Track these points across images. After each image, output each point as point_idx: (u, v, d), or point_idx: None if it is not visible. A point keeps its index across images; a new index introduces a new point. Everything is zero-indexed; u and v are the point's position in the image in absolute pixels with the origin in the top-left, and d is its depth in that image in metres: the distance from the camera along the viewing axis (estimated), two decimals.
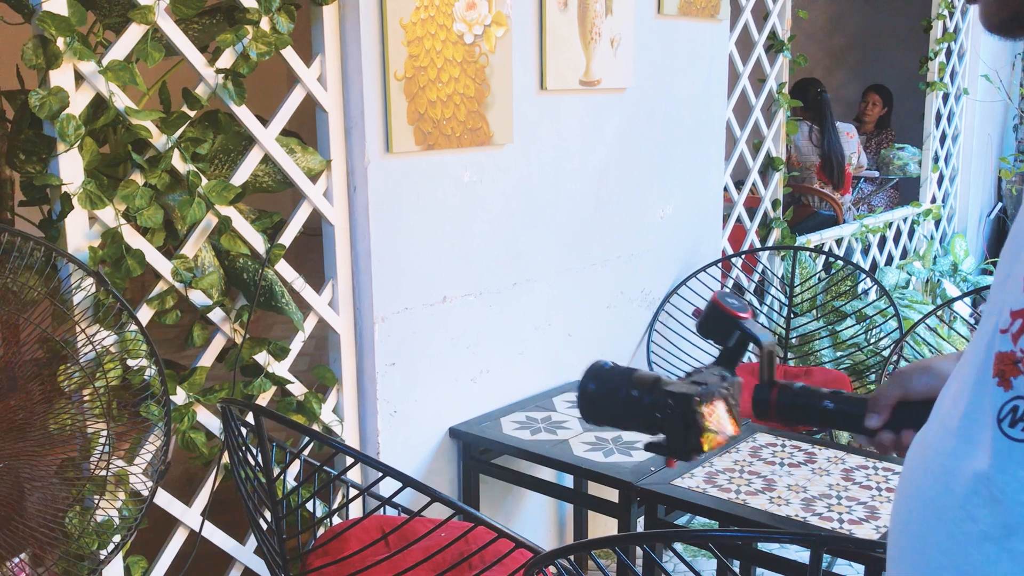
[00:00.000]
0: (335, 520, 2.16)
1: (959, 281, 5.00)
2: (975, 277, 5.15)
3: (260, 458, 1.59)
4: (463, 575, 1.74)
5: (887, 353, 3.18)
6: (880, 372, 2.87)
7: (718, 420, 0.90)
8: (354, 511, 2.26)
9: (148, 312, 1.86)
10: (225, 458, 1.98)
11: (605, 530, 2.85)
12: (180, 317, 1.90)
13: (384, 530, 1.88)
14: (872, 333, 3.57)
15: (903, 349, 2.95)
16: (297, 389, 2.14)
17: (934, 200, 5.18)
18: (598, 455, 2.23)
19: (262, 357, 2.05)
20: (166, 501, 1.94)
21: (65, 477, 1.73)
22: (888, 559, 0.72)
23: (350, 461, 2.12)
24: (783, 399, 0.97)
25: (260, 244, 2.02)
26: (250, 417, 1.59)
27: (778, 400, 0.97)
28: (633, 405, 0.92)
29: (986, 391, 0.63)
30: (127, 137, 1.80)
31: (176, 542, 1.99)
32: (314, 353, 3.66)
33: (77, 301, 1.70)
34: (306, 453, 2.13)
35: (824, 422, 0.96)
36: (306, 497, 2.02)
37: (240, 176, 1.98)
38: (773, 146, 3.64)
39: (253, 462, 1.62)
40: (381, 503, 1.56)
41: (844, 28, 7.18)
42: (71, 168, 1.71)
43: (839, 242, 4.31)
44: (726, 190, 3.42)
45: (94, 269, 1.72)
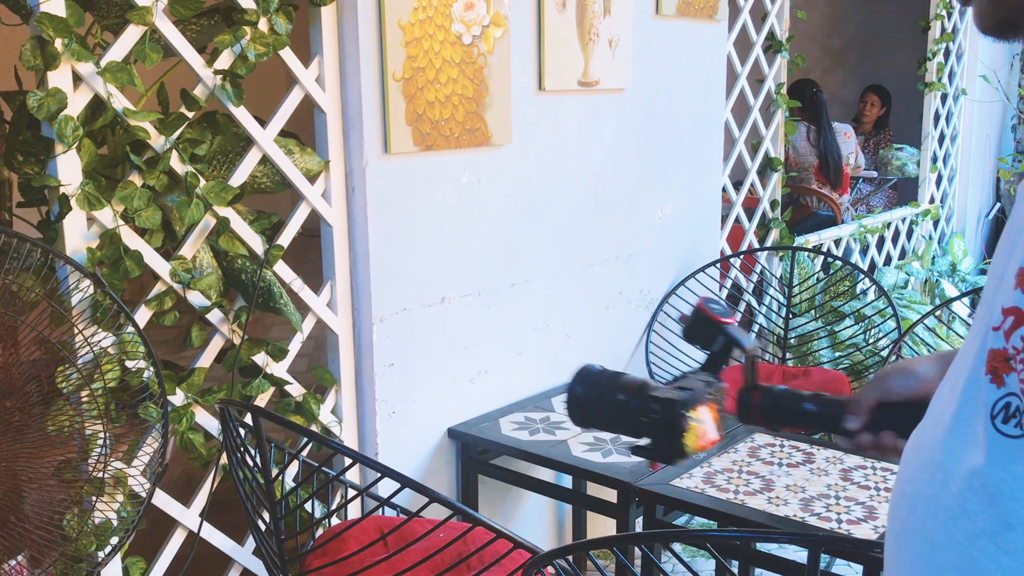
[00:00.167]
0: (334, 521, 2.17)
1: (957, 281, 5.00)
2: (973, 277, 5.16)
3: (258, 459, 1.59)
4: (461, 575, 1.74)
5: (885, 353, 3.19)
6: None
7: (702, 425, 0.92)
8: (353, 512, 2.26)
9: (146, 313, 1.86)
10: (224, 459, 1.98)
11: (604, 531, 2.85)
12: (179, 318, 1.90)
13: (383, 530, 1.88)
14: (871, 333, 3.57)
15: (901, 349, 2.95)
16: (295, 390, 2.14)
17: (932, 200, 5.18)
18: (596, 455, 2.23)
19: (260, 358, 2.05)
20: (164, 502, 1.94)
21: (63, 478, 1.73)
22: (886, 558, 0.72)
23: (348, 462, 2.12)
24: (766, 402, 0.98)
25: (258, 245, 2.02)
26: (248, 418, 1.60)
27: (761, 403, 0.99)
28: (620, 409, 0.94)
29: (979, 388, 0.64)
30: (125, 138, 1.80)
31: (175, 543, 1.99)
32: (313, 354, 3.67)
33: (75, 302, 1.70)
34: (304, 454, 2.13)
35: (806, 424, 0.98)
36: (305, 498, 2.02)
37: (238, 177, 1.98)
38: (771, 146, 3.64)
39: (251, 463, 1.62)
40: (380, 504, 1.56)
41: (842, 29, 7.18)
42: (69, 169, 1.71)
43: (838, 242, 4.32)
44: (724, 190, 3.42)
45: (91, 270, 1.72)
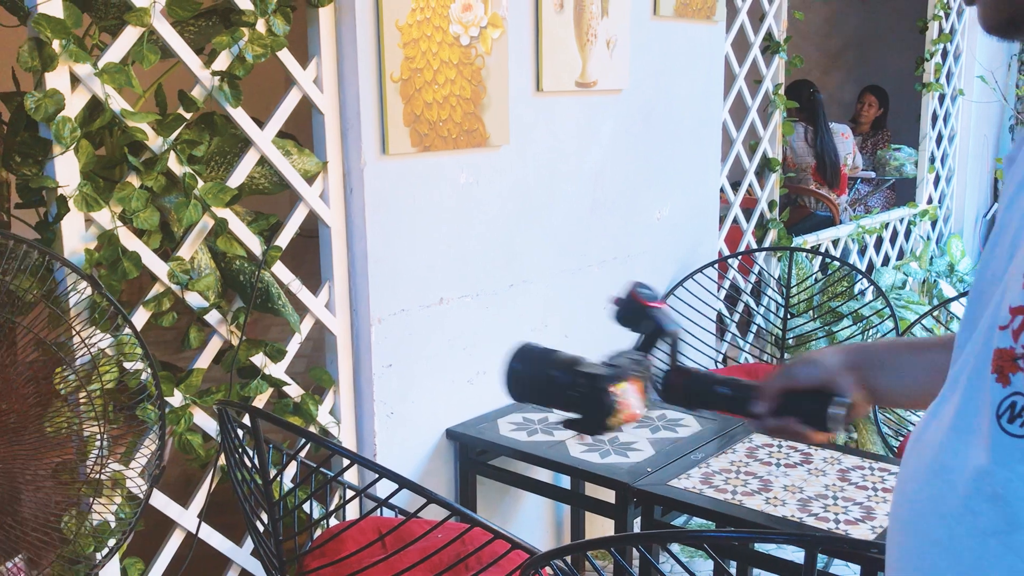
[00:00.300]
0: (332, 521, 2.17)
1: (955, 281, 5.01)
2: (971, 277, 5.16)
3: (256, 460, 1.59)
4: (460, 575, 1.74)
5: None
6: None
7: (627, 400, 0.97)
8: (351, 512, 2.26)
9: (145, 314, 1.86)
10: (222, 460, 1.98)
11: (602, 531, 2.85)
12: (177, 319, 1.90)
13: (381, 531, 1.88)
14: (869, 334, 3.57)
15: None
16: (294, 391, 2.14)
17: (930, 201, 5.19)
18: (595, 456, 2.23)
19: (259, 359, 2.05)
20: (163, 503, 1.94)
21: (61, 480, 1.73)
22: (887, 557, 0.72)
23: (346, 462, 2.12)
24: (686, 384, 1.04)
25: (256, 246, 2.02)
26: (246, 419, 1.60)
27: (683, 385, 1.04)
28: (552, 384, 1.00)
29: (984, 387, 0.63)
30: (123, 139, 1.80)
31: (173, 544, 1.99)
32: (312, 355, 3.67)
33: (73, 303, 1.70)
34: (303, 455, 2.13)
35: (720, 406, 1.03)
36: (303, 499, 2.02)
37: (236, 178, 1.98)
38: (769, 147, 3.65)
39: (250, 464, 1.62)
40: (378, 504, 1.56)
41: (840, 29, 7.19)
42: (67, 170, 1.71)
43: (836, 243, 4.32)
44: (722, 191, 3.43)
45: (89, 272, 1.72)
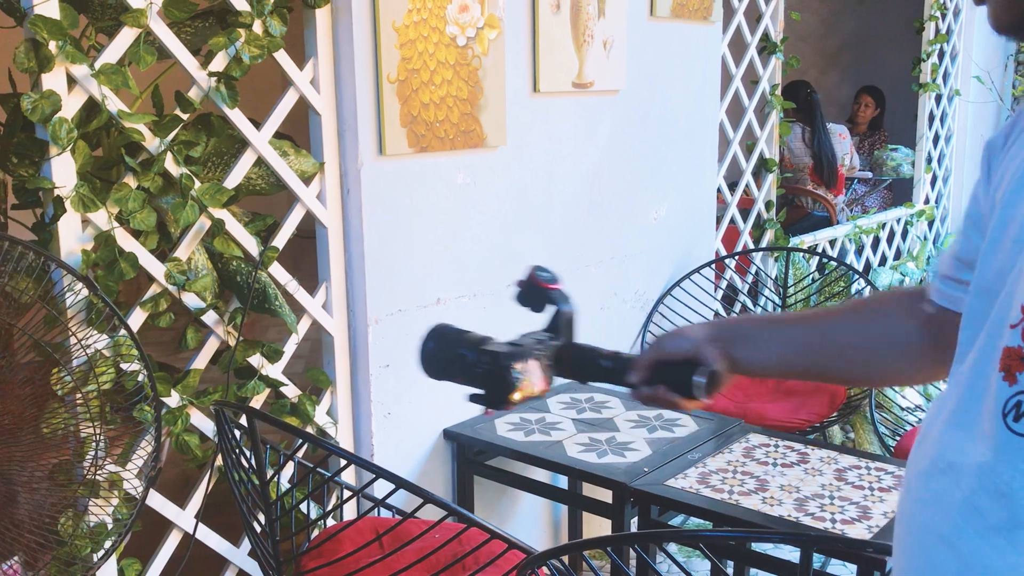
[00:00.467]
0: (329, 522, 2.17)
1: None
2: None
3: (254, 460, 1.59)
4: None
5: None
6: None
7: (527, 377, 1.03)
8: (348, 513, 2.26)
9: (141, 315, 1.86)
10: (219, 460, 1.98)
11: (600, 531, 2.85)
12: (174, 320, 1.90)
13: (378, 531, 1.89)
14: None
15: None
16: (291, 391, 2.14)
17: (927, 201, 5.19)
18: (592, 456, 2.24)
19: (256, 359, 2.05)
20: (160, 504, 1.94)
21: (57, 481, 1.73)
22: (894, 552, 0.73)
23: (343, 463, 2.12)
24: (574, 358, 1.09)
25: (254, 247, 2.02)
26: (243, 419, 1.60)
27: (571, 358, 1.09)
28: (460, 361, 1.05)
29: (989, 384, 0.64)
30: (120, 140, 1.80)
31: (170, 545, 1.99)
32: (309, 356, 3.67)
33: (69, 304, 1.70)
34: (300, 455, 2.13)
35: (603, 378, 1.08)
36: (300, 499, 2.02)
37: (233, 179, 1.98)
38: (766, 147, 3.65)
39: (247, 464, 1.62)
40: (375, 504, 1.56)
41: (837, 30, 7.19)
42: (64, 171, 1.71)
43: (833, 243, 4.32)
44: (719, 192, 3.43)
45: (84, 273, 1.72)
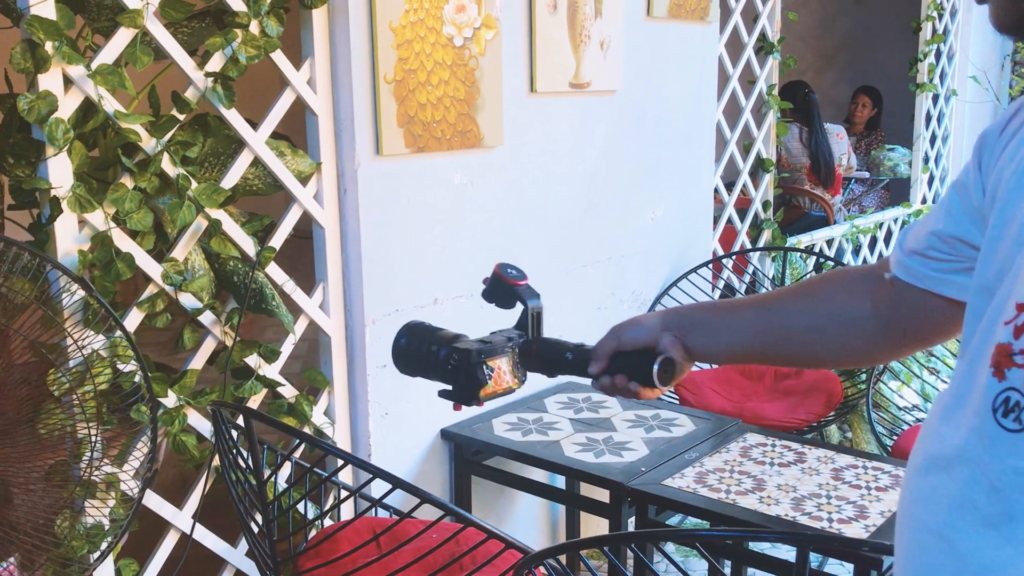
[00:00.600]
0: (326, 522, 2.17)
1: None
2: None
3: (251, 461, 1.59)
4: (454, 575, 1.74)
5: None
6: (871, 372, 2.88)
7: (496, 373, 1.05)
8: (345, 513, 2.26)
9: (138, 315, 1.86)
10: (216, 461, 1.98)
11: (597, 531, 2.85)
12: (171, 320, 1.90)
13: (375, 531, 1.89)
14: None
15: None
16: (288, 391, 2.14)
17: (924, 201, 5.20)
18: (589, 456, 2.24)
19: (253, 360, 2.05)
20: (157, 504, 1.94)
21: (54, 482, 1.72)
22: (895, 547, 0.74)
23: (341, 463, 2.12)
24: (540, 352, 1.11)
25: (250, 247, 2.02)
26: (240, 420, 1.60)
27: (537, 352, 1.11)
28: (432, 358, 1.08)
29: (981, 380, 0.64)
30: (116, 141, 1.80)
31: (167, 545, 1.99)
32: (307, 356, 3.66)
33: (66, 304, 1.70)
34: (297, 455, 2.13)
35: (568, 370, 1.10)
36: (297, 499, 2.02)
37: (230, 179, 1.98)
38: (763, 147, 3.65)
39: (244, 465, 1.62)
40: (372, 504, 1.56)
41: (834, 30, 7.20)
42: (60, 172, 1.71)
43: (830, 243, 4.33)
44: (716, 192, 3.43)
45: (82, 273, 1.72)
